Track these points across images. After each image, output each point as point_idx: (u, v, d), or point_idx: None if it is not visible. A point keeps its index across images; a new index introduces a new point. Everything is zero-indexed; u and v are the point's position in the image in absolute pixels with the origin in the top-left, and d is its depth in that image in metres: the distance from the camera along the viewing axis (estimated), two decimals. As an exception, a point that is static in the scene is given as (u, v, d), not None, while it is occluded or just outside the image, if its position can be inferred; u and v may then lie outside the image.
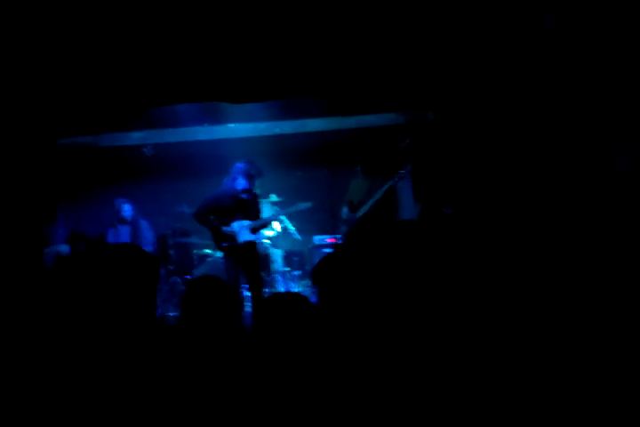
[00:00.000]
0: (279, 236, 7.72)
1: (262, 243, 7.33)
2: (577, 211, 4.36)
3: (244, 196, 5.95)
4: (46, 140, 6.14)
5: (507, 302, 2.23)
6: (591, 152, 4.61)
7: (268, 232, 7.41)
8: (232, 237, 5.85)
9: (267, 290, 7.09)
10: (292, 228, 7.73)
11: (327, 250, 7.57)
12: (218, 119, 7.57)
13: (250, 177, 5.92)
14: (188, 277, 7.39)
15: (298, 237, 7.78)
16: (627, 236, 3.51)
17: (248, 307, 6.47)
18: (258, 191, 6.42)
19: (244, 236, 5.90)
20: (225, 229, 5.87)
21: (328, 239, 7.61)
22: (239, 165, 5.95)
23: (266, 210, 7.40)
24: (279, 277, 7.46)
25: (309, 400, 1.89)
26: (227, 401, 1.93)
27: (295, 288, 7.50)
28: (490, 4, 5.12)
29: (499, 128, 5.29)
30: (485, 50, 5.23)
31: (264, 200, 7.47)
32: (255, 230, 6.01)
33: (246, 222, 5.92)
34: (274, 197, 7.55)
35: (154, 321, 2.30)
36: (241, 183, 5.91)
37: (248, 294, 6.18)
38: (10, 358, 2.04)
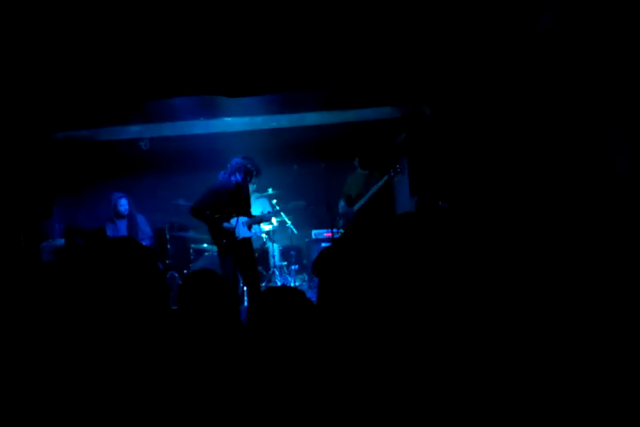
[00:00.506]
0: (277, 230, 7.72)
1: (260, 237, 7.33)
2: (573, 205, 4.37)
3: (240, 191, 5.94)
4: (42, 135, 6.13)
5: (503, 297, 2.23)
6: (587, 150, 4.62)
7: (265, 226, 7.42)
8: (232, 233, 5.84)
9: (264, 284, 7.10)
10: (289, 221, 7.73)
11: (325, 244, 7.58)
12: (215, 113, 7.55)
13: (246, 173, 5.90)
14: (186, 271, 7.40)
15: (295, 230, 7.80)
16: (624, 234, 3.52)
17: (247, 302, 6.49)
18: (254, 186, 6.40)
19: (242, 232, 5.89)
20: (226, 225, 5.85)
21: (326, 233, 7.62)
22: (237, 161, 5.93)
23: (263, 204, 7.41)
24: (277, 272, 7.47)
25: (305, 395, 1.89)
26: (222, 396, 1.93)
27: (292, 282, 7.51)
28: (486, 0, 5.12)
29: (495, 123, 5.29)
30: (481, 46, 5.23)
31: (261, 194, 7.48)
32: (251, 227, 6.01)
33: (244, 219, 5.92)
34: (270, 191, 7.55)
35: (155, 314, 2.30)
36: (237, 179, 5.89)
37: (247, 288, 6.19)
38: (9, 352, 2.04)
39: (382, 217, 6.29)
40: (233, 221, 5.86)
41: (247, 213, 6.04)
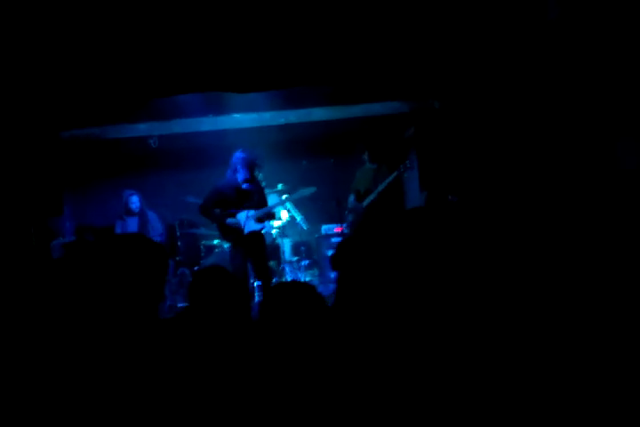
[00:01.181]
0: (287, 225, 7.72)
1: (270, 233, 7.33)
2: (581, 201, 4.35)
3: (245, 186, 5.91)
4: (51, 134, 6.14)
5: (513, 292, 2.22)
6: (595, 145, 4.59)
7: (275, 222, 7.42)
8: (237, 229, 5.83)
9: (275, 280, 7.11)
10: (299, 217, 7.72)
11: (335, 239, 7.57)
12: (223, 110, 7.56)
13: (250, 166, 5.88)
14: (197, 268, 7.41)
15: (305, 226, 7.78)
16: (631, 233, 3.49)
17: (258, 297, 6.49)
18: (261, 179, 6.38)
19: (250, 226, 5.88)
20: (229, 221, 5.84)
21: (335, 229, 7.61)
22: (238, 156, 5.92)
23: (272, 199, 7.40)
24: (287, 267, 7.47)
25: (317, 391, 1.88)
26: (230, 395, 1.93)
27: (303, 278, 7.51)
28: None
29: (504, 118, 5.27)
30: (490, 39, 5.20)
31: (271, 190, 7.47)
32: (261, 220, 5.97)
33: (251, 212, 5.89)
34: (280, 187, 7.54)
35: (157, 312, 2.31)
36: (242, 174, 5.87)
37: (257, 284, 6.20)
38: (17, 351, 2.05)
39: (393, 212, 6.28)
40: (241, 215, 5.85)
41: (259, 206, 6.00)
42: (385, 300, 2.10)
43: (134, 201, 6.99)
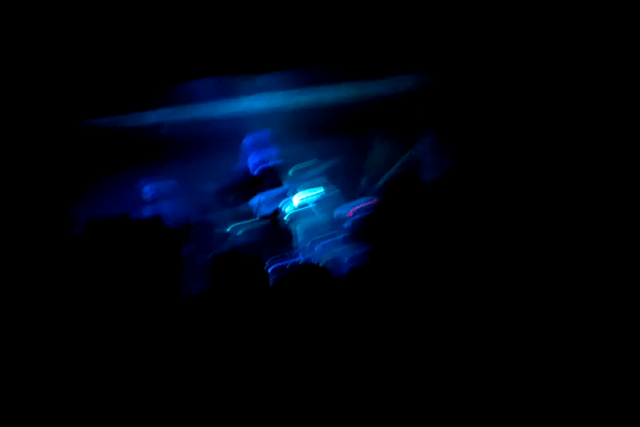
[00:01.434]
0: (301, 209, 7.69)
1: (284, 216, 7.32)
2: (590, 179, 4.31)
3: (258, 169, 5.92)
4: (66, 124, 6.19)
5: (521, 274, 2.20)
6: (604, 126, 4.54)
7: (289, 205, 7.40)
8: (250, 215, 5.86)
9: (290, 262, 7.11)
10: (311, 199, 7.66)
11: (356, 216, 7.55)
12: (235, 93, 7.57)
13: (261, 148, 5.88)
14: (212, 254, 7.43)
15: (317, 211, 7.73)
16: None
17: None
18: (274, 161, 6.36)
19: (263, 210, 5.89)
20: (243, 206, 5.87)
21: (350, 210, 7.58)
22: (246, 141, 5.94)
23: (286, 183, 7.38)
24: (302, 250, 7.46)
25: (326, 375, 1.88)
26: (244, 375, 1.94)
27: (319, 260, 7.50)
28: None
29: (517, 94, 5.22)
30: (502, 16, 5.15)
31: (284, 174, 7.46)
32: (274, 203, 5.98)
33: (263, 197, 5.91)
34: (292, 171, 7.50)
35: (173, 298, 2.33)
36: (252, 158, 5.88)
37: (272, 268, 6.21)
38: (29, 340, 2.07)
39: (406, 192, 6.26)
40: (253, 200, 5.86)
41: (275, 186, 6.00)
42: (399, 277, 2.10)
43: (148, 190, 7.03)
